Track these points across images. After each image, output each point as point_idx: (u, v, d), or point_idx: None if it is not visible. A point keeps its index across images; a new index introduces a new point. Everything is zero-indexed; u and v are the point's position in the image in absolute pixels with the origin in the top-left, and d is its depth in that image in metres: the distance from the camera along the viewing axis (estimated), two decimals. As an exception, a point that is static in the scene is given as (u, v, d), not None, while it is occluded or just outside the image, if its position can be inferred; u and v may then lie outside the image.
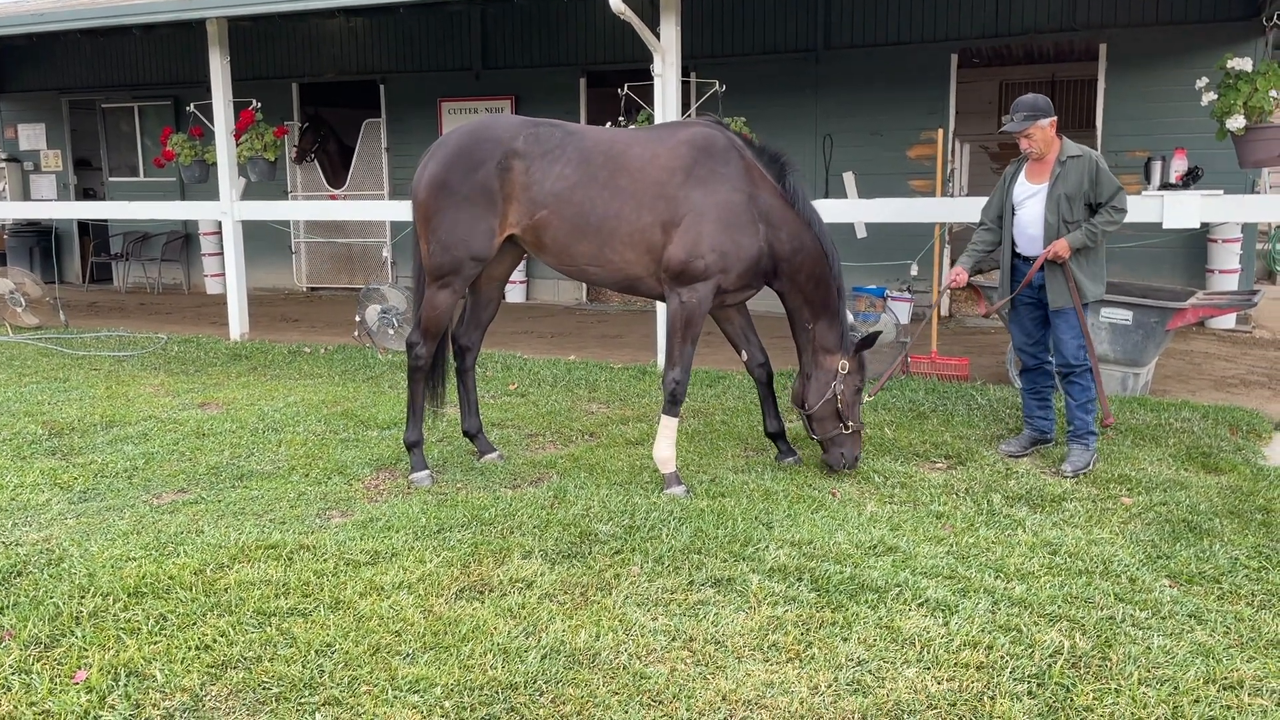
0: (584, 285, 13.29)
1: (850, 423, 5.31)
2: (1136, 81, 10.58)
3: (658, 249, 5.06)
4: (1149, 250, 10.26)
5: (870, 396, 5.68)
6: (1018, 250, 5.67)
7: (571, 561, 4.12)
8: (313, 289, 14.66)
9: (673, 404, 5.14)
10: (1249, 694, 3.14)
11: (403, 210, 10.73)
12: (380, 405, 6.96)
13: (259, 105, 10.21)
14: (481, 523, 4.54)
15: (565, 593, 3.84)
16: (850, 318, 5.62)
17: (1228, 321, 10.31)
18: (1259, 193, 10.19)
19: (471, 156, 5.13)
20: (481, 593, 3.84)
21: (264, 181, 10.74)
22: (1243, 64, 6.54)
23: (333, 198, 13.86)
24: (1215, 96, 6.69)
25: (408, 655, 3.35)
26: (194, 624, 3.54)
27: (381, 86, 13.89)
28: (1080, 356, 5.51)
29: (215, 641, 3.41)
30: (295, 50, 14.34)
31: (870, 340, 5.28)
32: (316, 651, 3.36)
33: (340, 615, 3.62)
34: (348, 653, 3.35)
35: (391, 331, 9.29)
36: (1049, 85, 14.22)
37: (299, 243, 14.58)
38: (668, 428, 5.15)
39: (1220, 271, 10.29)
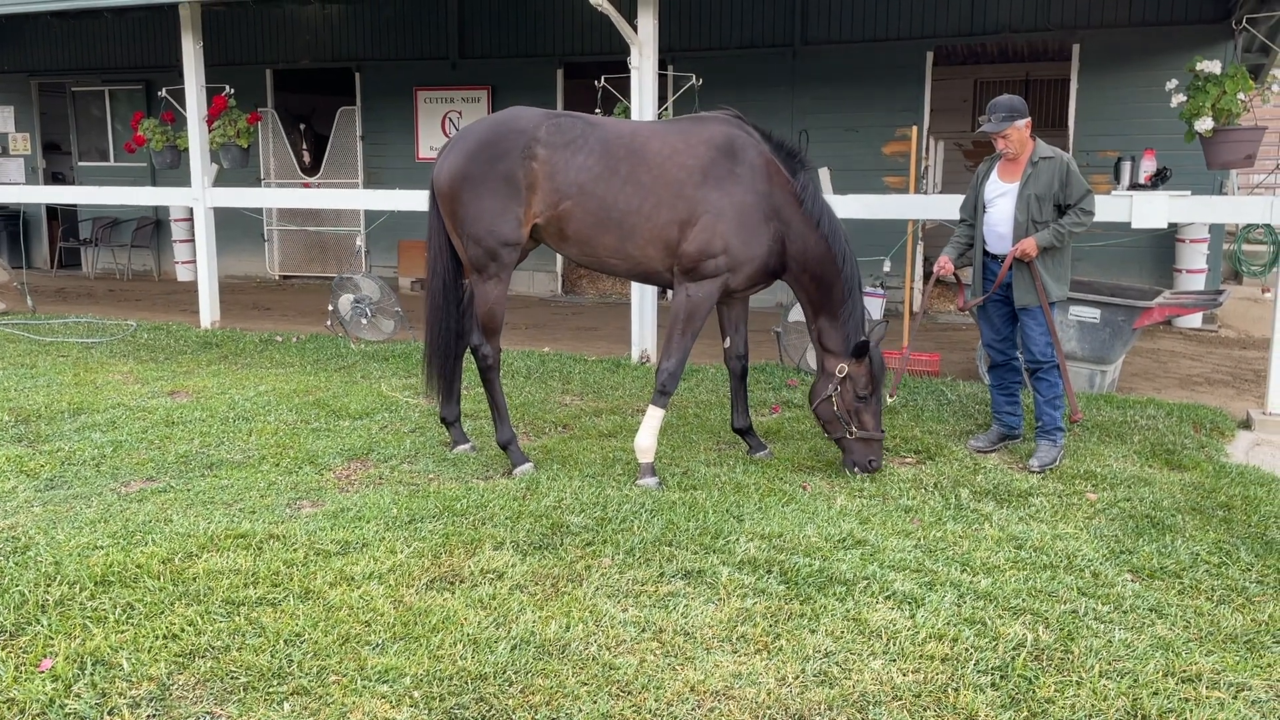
0: (558, 277, 13.28)
1: (854, 429, 5.25)
2: (1108, 82, 10.70)
3: (674, 245, 5.11)
4: (1118, 249, 10.38)
5: (891, 398, 5.54)
6: (987, 248, 5.73)
7: (543, 553, 4.13)
8: (285, 277, 14.56)
9: (662, 395, 5.15)
10: (1207, 687, 3.20)
11: (376, 199, 10.69)
12: (352, 395, 6.93)
13: (232, 91, 10.12)
14: (453, 513, 4.54)
15: (536, 584, 3.85)
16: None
17: (1194, 321, 10.46)
18: (1226, 194, 10.33)
19: (495, 146, 5.16)
20: (452, 583, 3.84)
21: (236, 168, 10.65)
22: (1211, 67, 6.63)
23: (306, 185, 13.76)
24: (1184, 98, 6.77)
25: (377, 645, 3.35)
26: (161, 613, 3.52)
27: (356, 74, 13.80)
28: (1048, 353, 5.58)
29: (183, 631, 3.40)
30: (269, 36, 14.21)
31: (864, 347, 5.16)
32: (285, 641, 3.35)
33: (310, 605, 3.61)
34: (317, 642, 3.35)
35: (364, 321, 9.25)
36: (1023, 84, 14.33)
37: (271, 230, 14.46)
38: (653, 418, 5.16)
39: (1188, 271, 10.43)
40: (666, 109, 9.43)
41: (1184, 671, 3.28)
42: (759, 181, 5.10)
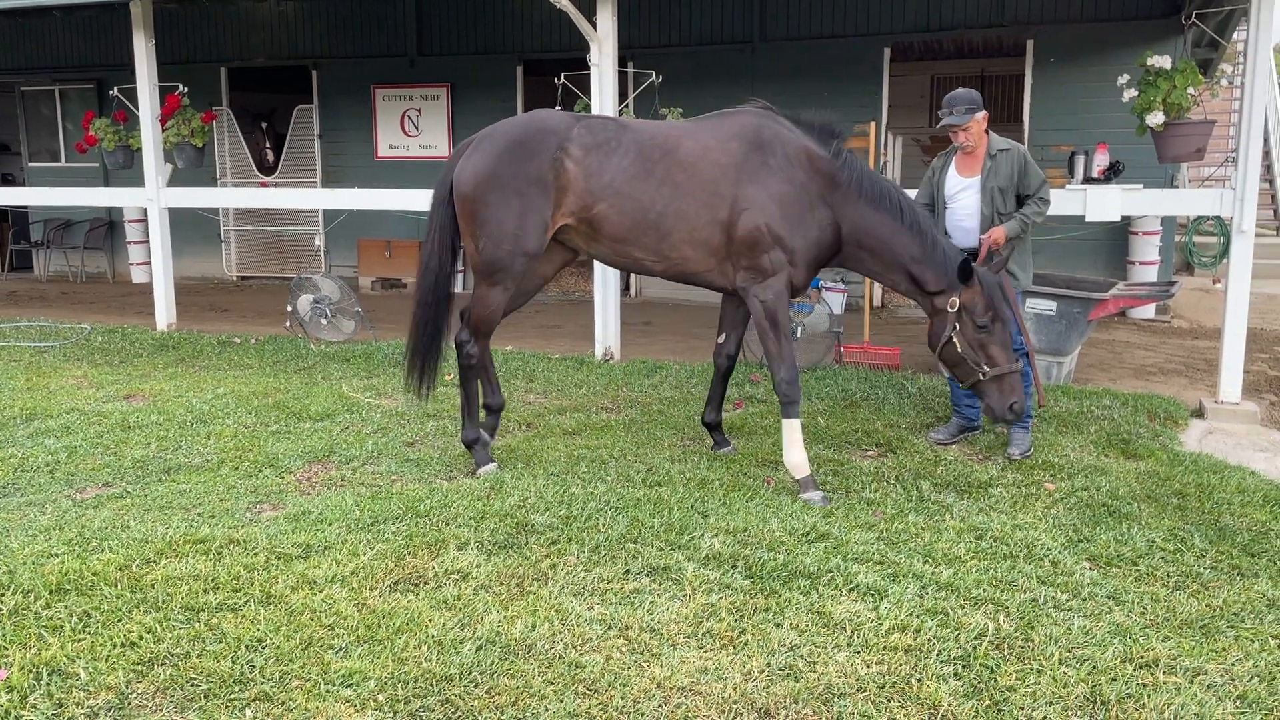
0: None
1: (985, 368, 4.99)
2: (1062, 77, 10.84)
3: (716, 246, 5.03)
4: (1072, 242, 10.53)
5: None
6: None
7: (508, 552, 4.12)
8: (243, 278, 14.37)
9: (790, 405, 4.98)
10: (1164, 672, 3.26)
11: (335, 198, 10.59)
12: (313, 397, 6.86)
13: (186, 90, 9.97)
14: (417, 514, 4.51)
15: (501, 584, 3.83)
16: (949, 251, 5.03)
17: (1148, 312, 10.63)
18: (1178, 187, 10.51)
19: (526, 147, 5.04)
20: (416, 585, 3.82)
21: (191, 168, 10.50)
22: (1162, 62, 6.73)
23: (263, 185, 13.59)
24: (1136, 93, 6.87)
25: (340, 649, 3.32)
26: (119, 621, 3.47)
27: (314, 72, 13.64)
28: (1016, 340, 5.63)
29: (141, 638, 3.34)
30: (224, 34, 14.01)
31: (967, 267, 4.93)
32: (247, 647, 3.31)
33: (271, 610, 3.57)
34: (279, 647, 3.31)
35: (324, 322, 9.15)
36: (979, 80, 14.47)
37: (228, 230, 14.27)
38: (791, 430, 4.99)
39: (1141, 263, 10.60)
40: (627, 106, 9.42)
41: (1141, 657, 3.34)
42: (795, 171, 5.00)
